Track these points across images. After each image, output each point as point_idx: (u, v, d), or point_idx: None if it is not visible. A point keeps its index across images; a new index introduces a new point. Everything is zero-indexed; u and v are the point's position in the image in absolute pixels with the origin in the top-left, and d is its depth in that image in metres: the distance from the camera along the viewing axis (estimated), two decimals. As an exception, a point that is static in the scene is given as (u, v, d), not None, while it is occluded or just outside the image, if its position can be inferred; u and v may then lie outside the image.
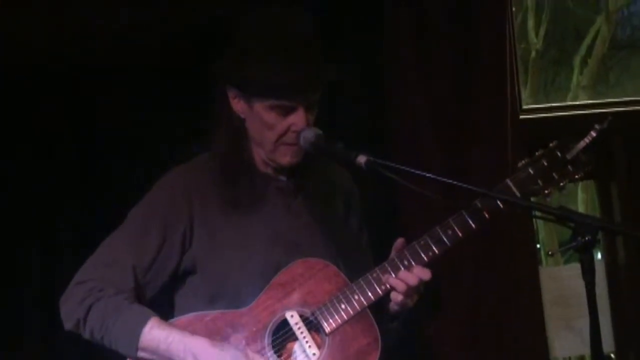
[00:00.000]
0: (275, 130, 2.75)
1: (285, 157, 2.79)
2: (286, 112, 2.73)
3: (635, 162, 4.58)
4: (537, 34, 6.30)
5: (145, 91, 3.89)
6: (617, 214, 4.59)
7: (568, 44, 6.85)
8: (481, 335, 4.04)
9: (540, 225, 5.49)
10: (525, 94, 4.98)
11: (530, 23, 6.31)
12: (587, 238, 2.36)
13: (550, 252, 4.34)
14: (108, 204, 3.68)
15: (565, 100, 6.10)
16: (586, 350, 4.70)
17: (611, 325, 4.48)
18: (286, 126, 2.74)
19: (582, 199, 5.87)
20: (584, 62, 6.32)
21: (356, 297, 2.71)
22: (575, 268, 4.63)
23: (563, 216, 2.44)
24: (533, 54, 6.29)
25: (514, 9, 4.61)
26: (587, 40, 6.32)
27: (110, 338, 2.68)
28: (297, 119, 2.73)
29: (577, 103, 5.46)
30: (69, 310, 2.73)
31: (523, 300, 4.14)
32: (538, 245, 5.33)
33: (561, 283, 4.43)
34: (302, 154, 2.78)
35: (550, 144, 2.81)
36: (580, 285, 2.40)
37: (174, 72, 3.87)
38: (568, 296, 4.42)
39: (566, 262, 5.62)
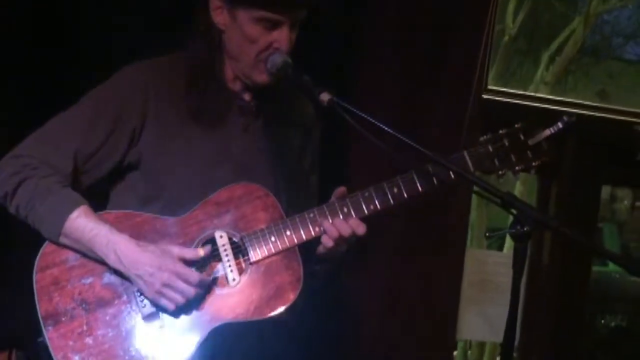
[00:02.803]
0: (256, 45, 2.69)
1: (262, 75, 2.72)
2: (271, 26, 2.67)
3: (580, 166, 4.61)
4: (514, 20, 6.27)
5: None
6: (551, 212, 4.62)
7: (538, 38, 6.83)
8: (400, 300, 4.06)
9: (472, 207, 5.50)
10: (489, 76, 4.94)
11: (511, 7, 6.27)
12: (525, 228, 2.36)
13: (487, 234, 4.34)
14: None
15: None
16: (490, 338, 4.79)
17: (520, 319, 4.52)
18: (269, 42, 2.68)
19: (519, 191, 5.90)
20: (552, 59, 6.32)
21: (288, 233, 2.67)
22: (499, 256, 4.70)
23: (509, 201, 2.42)
24: (506, 38, 6.26)
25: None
26: (560, 39, 6.31)
27: (35, 218, 2.60)
28: (281, 35, 2.67)
29: (542, 96, 5.45)
30: None
31: (444, 276, 4.15)
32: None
33: (484, 267, 4.45)
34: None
35: (516, 125, 2.77)
36: (501, 273, 2.40)
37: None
38: (487, 282, 4.44)
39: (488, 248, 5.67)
